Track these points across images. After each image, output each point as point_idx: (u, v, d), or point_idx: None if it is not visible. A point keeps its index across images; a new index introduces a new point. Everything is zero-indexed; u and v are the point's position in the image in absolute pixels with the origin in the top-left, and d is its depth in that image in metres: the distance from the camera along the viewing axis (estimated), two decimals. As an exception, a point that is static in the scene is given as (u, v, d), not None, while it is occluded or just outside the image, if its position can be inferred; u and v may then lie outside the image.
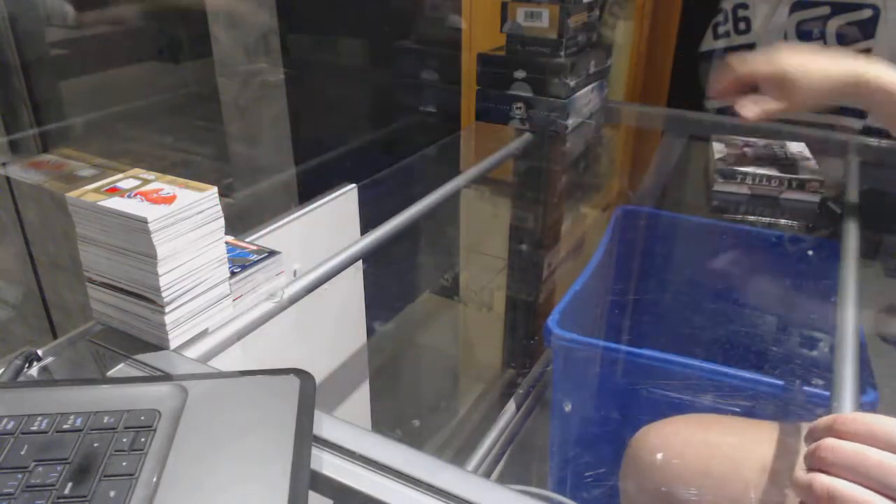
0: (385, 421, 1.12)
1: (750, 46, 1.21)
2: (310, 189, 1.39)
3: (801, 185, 0.89)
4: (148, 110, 1.69)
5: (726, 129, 1.06)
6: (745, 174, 0.91)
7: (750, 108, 0.78)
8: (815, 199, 0.88)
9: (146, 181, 0.47)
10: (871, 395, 0.59)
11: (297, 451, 0.35)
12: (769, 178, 0.90)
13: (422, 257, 1.31)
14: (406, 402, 1.30)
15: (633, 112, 1.16)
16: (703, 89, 1.27)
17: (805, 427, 0.60)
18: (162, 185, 0.47)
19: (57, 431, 0.36)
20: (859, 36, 1.12)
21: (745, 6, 1.20)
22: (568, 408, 0.80)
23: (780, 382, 0.64)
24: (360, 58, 1.48)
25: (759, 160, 0.95)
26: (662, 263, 1.02)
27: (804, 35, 1.16)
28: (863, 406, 0.50)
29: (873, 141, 0.94)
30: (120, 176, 0.48)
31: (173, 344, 0.46)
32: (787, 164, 0.94)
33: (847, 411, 0.47)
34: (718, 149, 1.02)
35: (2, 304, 1.43)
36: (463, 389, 1.42)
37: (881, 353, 0.72)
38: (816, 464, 0.37)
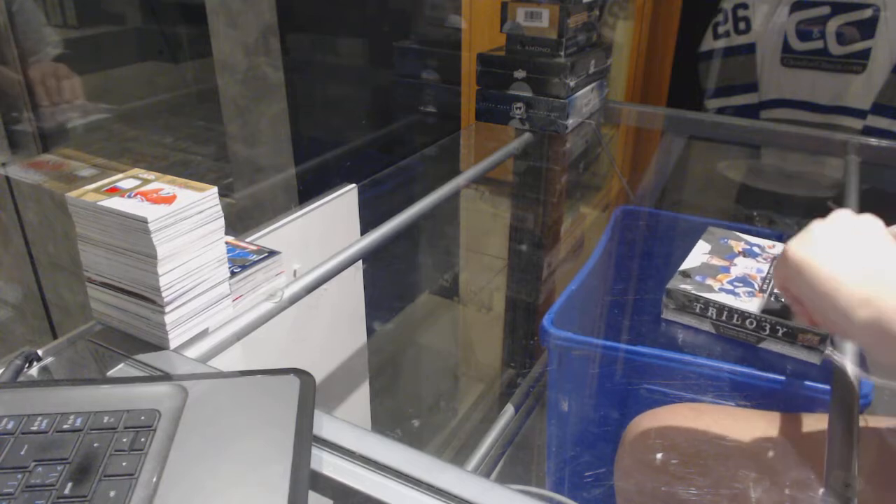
0: (385, 421, 1.12)
1: (749, 46, 1.21)
2: (310, 189, 1.39)
3: (792, 335, 0.59)
4: (147, 110, 1.69)
5: (725, 130, 1.06)
6: (708, 304, 0.62)
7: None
8: (812, 357, 0.59)
9: (146, 181, 0.47)
10: (867, 385, 0.60)
11: (297, 451, 0.35)
12: (743, 316, 0.61)
13: (422, 257, 1.31)
14: (406, 402, 1.31)
15: (633, 112, 1.16)
16: (703, 89, 1.27)
17: (800, 417, 0.60)
18: (162, 184, 0.47)
19: (57, 431, 0.36)
20: (859, 36, 1.12)
21: (745, 6, 1.20)
22: (565, 407, 0.80)
23: (782, 378, 0.64)
24: (361, 57, 1.48)
25: (743, 280, 0.65)
26: (662, 263, 1.02)
27: (804, 35, 1.16)
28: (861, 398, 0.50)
29: (873, 141, 0.94)
30: (120, 176, 0.48)
31: (173, 344, 0.46)
32: (783, 296, 0.61)
33: (848, 405, 0.48)
34: (701, 248, 0.72)
35: (2, 304, 1.43)
36: (463, 389, 1.42)
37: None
38: None
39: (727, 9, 1.21)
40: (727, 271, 0.67)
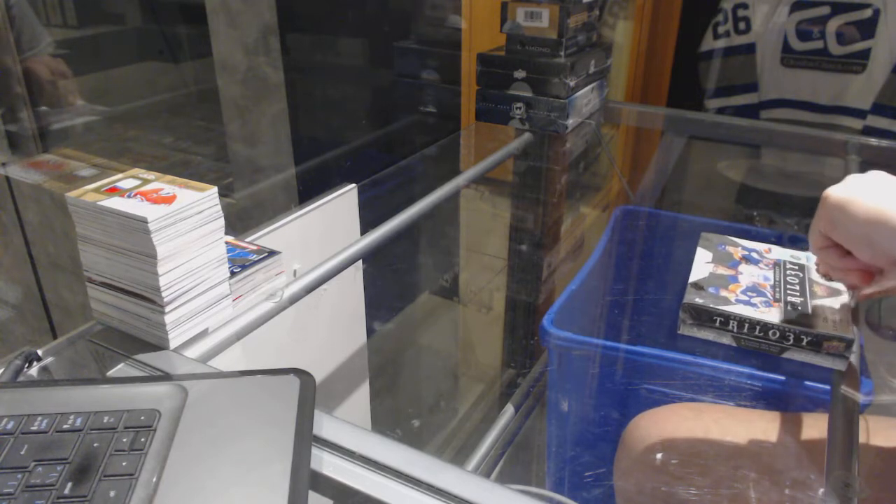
0: (385, 421, 1.12)
1: (750, 46, 1.21)
2: (310, 189, 1.39)
3: (817, 344, 0.57)
4: (147, 110, 1.69)
5: (725, 130, 1.06)
6: (729, 318, 0.61)
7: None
8: (838, 364, 0.56)
9: (146, 181, 0.47)
10: (867, 385, 0.60)
11: (297, 451, 0.35)
12: (766, 327, 0.59)
13: (422, 257, 1.31)
14: (406, 402, 1.31)
15: (633, 112, 1.16)
16: (703, 89, 1.27)
17: (800, 417, 0.61)
18: (162, 184, 0.47)
19: (57, 431, 0.36)
20: (859, 36, 1.12)
21: (745, 6, 1.20)
22: (565, 407, 0.80)
23: (782, 378, 0.64)
24: (361, 57, 1.48)
25: (755, 290, 0.64)
26: (662, 263, 1.02)
27: (804, 35, 1.16)
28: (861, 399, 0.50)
29: (873, 141, 0.94)
30: (120, 176, 0.48)
31: (173, 344, 0.46)
32: (799, 304, 0.61)
33: (848, 405, 0.48)
34: (703, 257, 0.70)
35: (2, 304, 1.43)
36: (463, 389, 1.42)
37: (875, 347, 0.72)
38: None
39: (727, 9, 1.21)
40: (736, 281, 0.66)
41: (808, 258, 0.70)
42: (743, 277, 0.67)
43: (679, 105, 1.24)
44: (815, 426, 0.59)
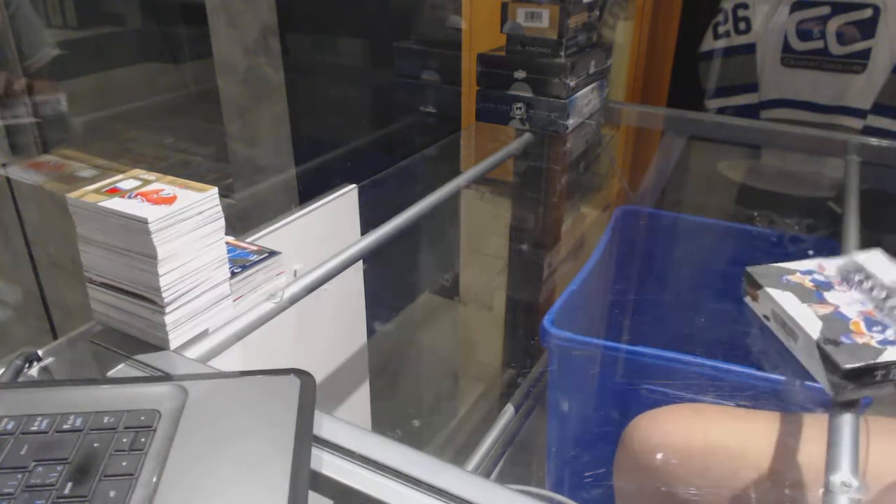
0: (385, 421, 1.12)
1: (750, 46, 1.21)
2: (310, 189, 1.39)
3: None
4: (148, 110, 1.69)
5: (725, 130, 1.06)
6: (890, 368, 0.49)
7: None
8: None
9: (146, 182, 0.47)
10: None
11: (297, 451, 0.35)
12: None
13: (422, 257, 1.31)
14: (406, 402, 1.31)
15: (633, 112, 1.17)
16: (703, 89, 1.27)
17: (800, 417, 0.60)
18: (162, 185, 0.47)
19: (57, 431, 0.36)
20: (859, 36, 1.12)
21: (745, 6, 1.20)
22: (565, 407, 0.80)
23: (781, 378, 0.64)
24: (361, 58, 1.48)
25: (872, 321, 0.53)
26: (662, 263, 1.02)
27: (804, 35, 1.16)
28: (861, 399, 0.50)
29: (873, 141, 0.94)
30: (120, 176, 0.48)
31: (173, 344, 0.46)
32: None
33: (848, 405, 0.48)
34: (786, 299, 0.58)
35: (2, 304, 1.43)
36: (463, 389, 1.42)
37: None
38: None
39: (727, 9, 1.21)
40: (846, 318, 0.56)
41: (856, 265, 0.63)
42: (844, 310, 0.57)
43: (679, 105, 1.24)
44: (815, 426, 0.59)
